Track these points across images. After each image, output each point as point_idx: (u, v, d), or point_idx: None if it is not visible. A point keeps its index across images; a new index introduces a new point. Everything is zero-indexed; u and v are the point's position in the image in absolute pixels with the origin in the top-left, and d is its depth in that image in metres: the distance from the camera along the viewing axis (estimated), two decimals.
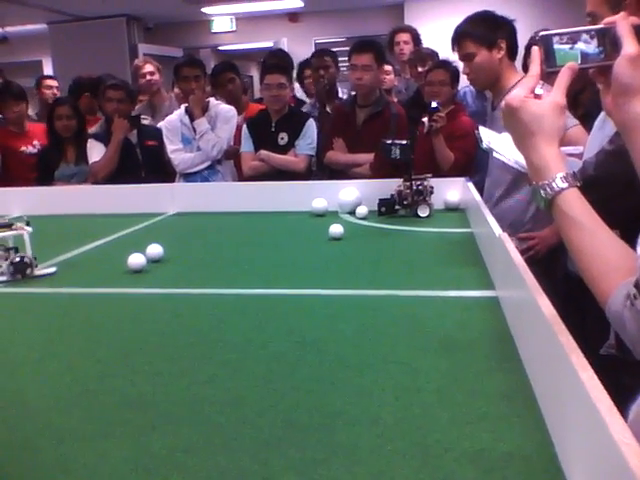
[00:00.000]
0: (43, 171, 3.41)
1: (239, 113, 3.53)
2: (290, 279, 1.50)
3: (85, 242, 1.99)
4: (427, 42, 4.29)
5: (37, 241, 1.62)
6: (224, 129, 3.24)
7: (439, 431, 0.76)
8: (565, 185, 0.77)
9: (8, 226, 1.57)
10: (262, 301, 1.34)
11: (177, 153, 3.21)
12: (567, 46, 0.81)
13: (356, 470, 0.69)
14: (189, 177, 3.20)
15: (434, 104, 2.87)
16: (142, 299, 1.40)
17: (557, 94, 0.80)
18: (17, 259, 1.55)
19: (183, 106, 3.34)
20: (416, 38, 4.15)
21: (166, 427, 0.80)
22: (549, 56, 0.82)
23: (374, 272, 1.55)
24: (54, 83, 4.62)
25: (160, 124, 3.47)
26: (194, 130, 3.20)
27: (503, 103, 0.82)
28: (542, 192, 0.78)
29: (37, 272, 1.59)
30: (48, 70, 8.73)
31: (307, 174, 3.02)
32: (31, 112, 4.71)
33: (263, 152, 3.05)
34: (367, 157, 2.86)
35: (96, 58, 7.14)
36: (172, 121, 3.30)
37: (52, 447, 0.77)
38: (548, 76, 0.83)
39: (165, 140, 3.26)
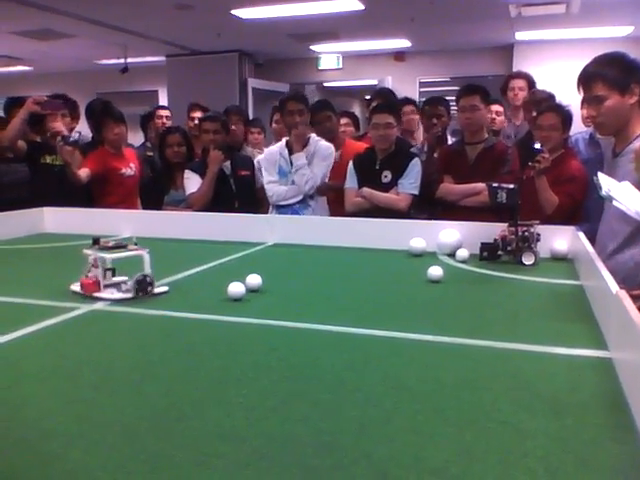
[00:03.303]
0: (150, 195, 3.59)
1: (335, 150, 3.59)
2: (386, 320, 1.46)
3: (188, 266, 2.05)
4: (537, 85, 4.21)
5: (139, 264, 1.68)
6: (320, 166, 3.31)
7: None
8: None
9: (123, 246, 1.66)
10: (356, 340, 1.32)
11: (272, 185, 3.33)
12: None
13: None
14: (280, 209, 3.27)
15: (537, 145, 2.81)
16: (240, 328, 1.41)
17: None
18: (141, 277, 1.62)
19: (284, 139, 3.45)
20: (532, 85, 4.10)
21: (260, 464, 0.79)
22: None
23: (475, 320, 1.49)
24: (165, 113, 4.85)
25: (259, 156, 3.59)
26: (291, 164, 3.29)
27: (638, 145, 0.77)
28: None
29: (155, 290, 1.67)
30: (163, 99, 9.27)
31: (408, 213, 3.01)
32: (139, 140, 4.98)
33: (366, 190, 3.08)
34: (483, 185, 2.83)
35: (208, 90, 7.50)
36: (272, 152, 3.44)
37: (147, 472, 0.77)
38: None
39: (262, 170, 3.39)
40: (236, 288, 1.61)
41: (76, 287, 1.66)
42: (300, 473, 0.77)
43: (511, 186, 2.16)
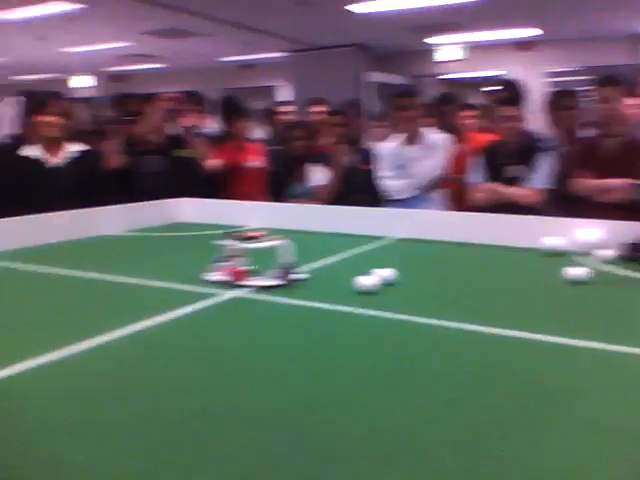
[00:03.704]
0: (276, 188, 3.68)
1: (457, 142, 3.51)
2: (522, 321, 1.39)
3: (317, 258, 2.08)
4: None
5: (272, 255, 1.71)
6: (435, 158, 3.27)
7: None
8: None
9: (257, 237, 1.71)
10: (489, 341, 1.27)
11: (387, 179, 3.32)
12: None
13: None
14: (396, 204, 3.23)
15: None
16: (371, 321, 1.40)
17: None
18: (291, 265, 1.70)
19: (398, 134, 3.42)
20: None
21: (395, 461, 0.78)
22: None
23: (624, 325, 1.39)
24: (288, 108, 4.96)
25: (376, 149, 3.56)
26: (405, 158, 3.27)
27: None
28: None
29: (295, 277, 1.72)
30: (282, 94, 9.48)
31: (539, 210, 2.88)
32: (260, 135, 5.11)
33: (493, 185, 2.98)
34: (622, 181, 2.66)
35: (329, 84, 7.58)
36: (388, 147, 3.43)
37: (293, 455, 0.79)
38: None
39: (377, 165, 3.39)
40: (368, 281, 1.61)
41: (214, 276, 1.72)
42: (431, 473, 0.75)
43: None
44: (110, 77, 11.40)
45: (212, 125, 4.39)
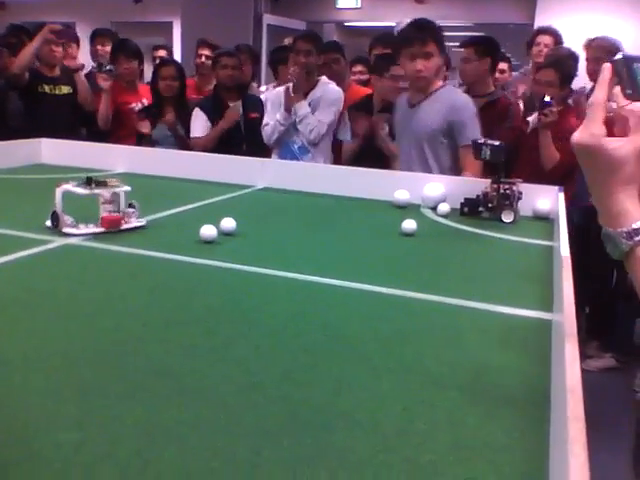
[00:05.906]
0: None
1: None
2: (344, 270, 1.49)
3: (172, 205, 2.09)
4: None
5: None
6: (326, 112, 3.17)
7: (437, 452, 0.76)
8: None
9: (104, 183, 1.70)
10: (310, 289, 1.36)
11: (268, 125, 3.24)
12: None
13: (340, 475, 0.70)
14: (281, 153, 3.25)
15: (547, 98, 2.79)
16: (203, 270, 1.46)
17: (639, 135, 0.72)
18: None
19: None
20: (558, 41, 3.98)
21: (179, 400, 0.85)
22: (633, 82, 0.71)
23: (433, 275, 1.53)
24: (162, 53, 4.85)
25: (264, 95, 3.55)
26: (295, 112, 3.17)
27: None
28: (620, 240, 0.72)
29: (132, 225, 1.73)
30: (177, 32, 9.10)
31: None
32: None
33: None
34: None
35: (222, 24, 7.34)
36: (276, 93, 3.32)
37: (78, 399, 0.84)
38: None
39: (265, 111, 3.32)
40: (208, 231, 1.65)
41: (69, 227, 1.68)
42: (216, 410, 0.82)
43: (496, 143, 2.15)
44: None
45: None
